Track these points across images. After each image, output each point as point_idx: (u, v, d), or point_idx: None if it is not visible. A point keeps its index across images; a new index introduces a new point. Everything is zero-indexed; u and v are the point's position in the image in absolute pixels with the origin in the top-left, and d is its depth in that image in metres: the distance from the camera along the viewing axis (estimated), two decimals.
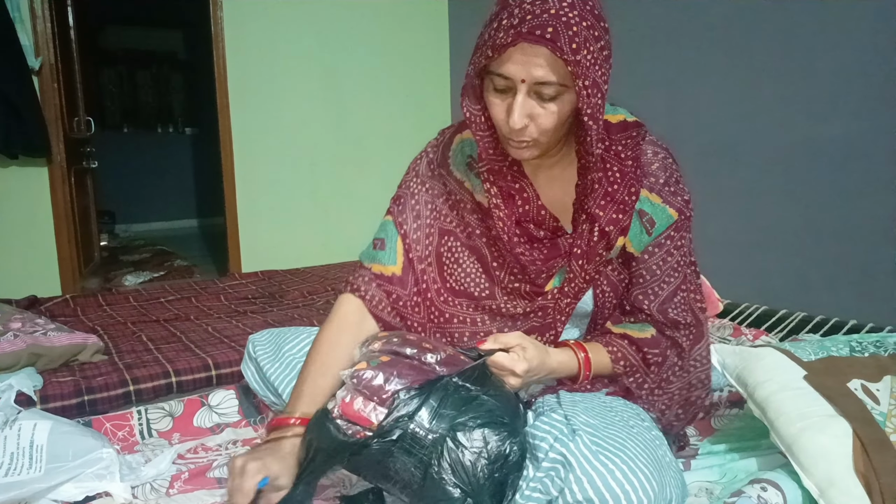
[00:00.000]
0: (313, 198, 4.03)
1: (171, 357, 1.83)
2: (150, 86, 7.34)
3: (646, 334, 1.09)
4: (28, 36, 3.15)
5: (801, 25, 2.39)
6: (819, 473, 0.98)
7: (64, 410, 1.51)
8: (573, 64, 0.88)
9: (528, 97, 0.93)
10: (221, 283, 2.99)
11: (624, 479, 0.82)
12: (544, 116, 0.94)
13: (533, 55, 0.89)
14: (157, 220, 7.22)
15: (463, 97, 1.01)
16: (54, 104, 3.30)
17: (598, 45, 0.90)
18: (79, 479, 1.10)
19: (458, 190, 1.15)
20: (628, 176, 1.04)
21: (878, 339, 1.26)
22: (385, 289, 1.14)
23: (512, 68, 0.91)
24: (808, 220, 2.42)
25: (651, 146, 1.08)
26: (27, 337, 1.74)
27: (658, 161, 1.07)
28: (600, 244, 1.05)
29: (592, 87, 0.91)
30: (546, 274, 1.09)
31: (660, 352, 1.09)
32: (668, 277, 1.08)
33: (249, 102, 3.77)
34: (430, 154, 1.20)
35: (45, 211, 3.35)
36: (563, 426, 0.94)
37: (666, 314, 1.08)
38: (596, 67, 0.90)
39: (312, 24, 3.88)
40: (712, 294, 2.06)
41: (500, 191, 1.08)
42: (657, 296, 1.08)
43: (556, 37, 0.87)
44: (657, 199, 1.05)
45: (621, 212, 1.04)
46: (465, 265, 1.14)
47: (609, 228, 1.04)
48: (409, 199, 1.18)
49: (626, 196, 1.04)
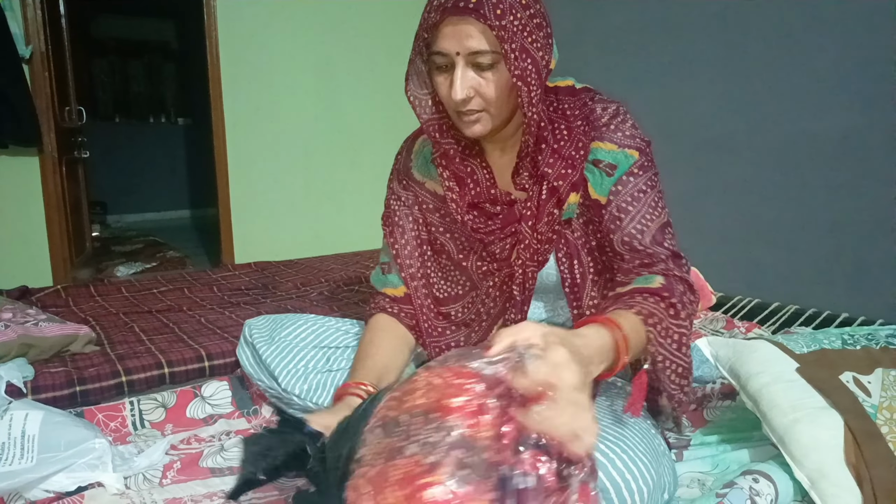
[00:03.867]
0: (307, 189, 4.01)
1: (163, 348, 1.82)
2: (143, 75, 7.30)
3: (656, 284, 0.96)
4: (18, 24, 3.12)
5: (796, 19, 2.39)
6: (810, 465, 0.99)
7: (56, 401, 1.50)
8: (498, 29, 0.91)
9: (466, 69, 0.96)
10: (214, 274, 2.98)
11: (624, 468, 0.84)
12: (485, 86, 0.97)
13: (463, 27, 0.93)
14: (150, 210, 7.18)
15: (407, 83, 1.05)
16: (45, 93, 3.27)
17: (526, 13, 0.94)
18: (71, 469, 1.10)
19: (421, 192, 1.18)
20: (575, 132, 1.04)
21: (869, 332, 1.26)
22: (404, 309, 1.20)
23: (445, 43, 0.95)
24: (801, 214, 2.43)
25: (601, 103, 1.07)
26: (18, 327, 1.73)
27: (608, 115, 1.06)
28: (550, 201, 1.05)
29: (520, 51, 0.93)
30: (508, 244, 1.09)
31: (678, 296, 0.96)
32: (648, 214, 1.02)
33: (242, 93, 3.74)
34: (398, 166, 1.25)
35: (36, 201, 3.32)
36: None
37: (662, 244, 1.02)
38: (525, 34, 0.94)
39: (306, 14, 3.86)
40: (705, 287, 2.07)
41: (452, 174, 1.10)
42: (643, 232, 1.02)
43: (480, 5, 0.91)
44: (612, 146, 1.04)
45: (570, 167, 1.04)
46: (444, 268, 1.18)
47: (558, 184, 1.04)
48: (394, 217, 1.23)
49: (574, 151, 1.04)
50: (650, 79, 2.97)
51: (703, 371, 1.47)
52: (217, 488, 1.10)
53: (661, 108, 2.88)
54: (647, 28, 2.99)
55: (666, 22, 2.90)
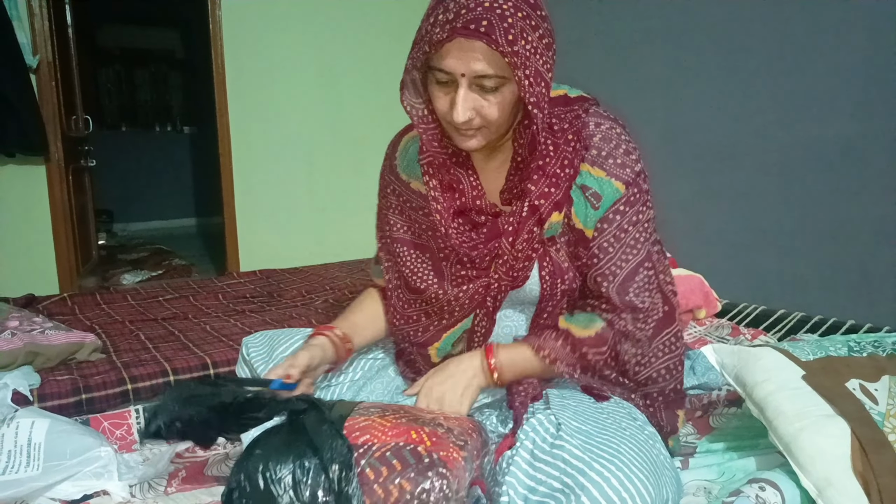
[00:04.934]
0: (311, 197, 4.02)
1: (169, 356, 1.82)
2: (149, 84, 7.33)
3: (590, 331, 1.04)
4: (26, 34, 3.15)
5: (798, 25, 2.40)
6: (817, 473, 0.98)
7: (62, 409, 1.51)
8: (511, 55, 0.88)
9: (469, 90, 0.93)
10: (219, 281, 2.99)
11: (621, 487, 0.81)
12: (488, 108, 0.94)
13: (470, 49, 0.90)
14: (156, 218, 7.20)
15: (402, 91, 1.03)
16: (52, 102, 3.30)
17: (536, 35, 0.90)
18: (76, 477, 1.10)
19: (405, 192, 1.17)
20: (561, 149, 1.02)
21: (876, 339, 1.26)
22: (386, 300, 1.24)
23: (451, 63, 0.92)
24: (807, 221, 2.42)
25: (595, 118, 1.04)
26: (24, 335, 1.73)
27: (600, 133, 1.02)
28: (530, 219, 1.03)
29: (534, 76, 0.91)
30: (489, 256, 1.08)
31: (606, 349, 1.04)
32: (625, 255, 1.02)
33: (248, 101, 3.76)
34: (385, 164, 1.24)
35: (42, 209, 3.34)
36: (552, 426, 0.95)
37: (624, 296, 1.03)
38: (536, 57, 0.91)
39: (311, 23, 3.88)
40: (711, 293, 2.06)
41: (439, 183, 1.08)
42: (615, 276, 1.03)
43: (491, 30, 0.87)
44: (600, 173, 1.01)
45: (553, 185, 1.01)
46: (412, 266, 1.17)
47: (539, 202, 1.01)
48: (381, 212, 1.25)
49: (559, 169, 1.01)
50: (654, 85, 2.98)
51: (708, 378, 1.47)
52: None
53: (665, 115, 2.88)
54: (650, 34, 2.99)
55: (669, 28, 2.90)
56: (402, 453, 0.85)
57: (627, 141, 1.04)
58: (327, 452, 0.79)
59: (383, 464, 0.83)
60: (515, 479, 0.90)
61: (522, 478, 0.90)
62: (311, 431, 0.79)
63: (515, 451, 0.93)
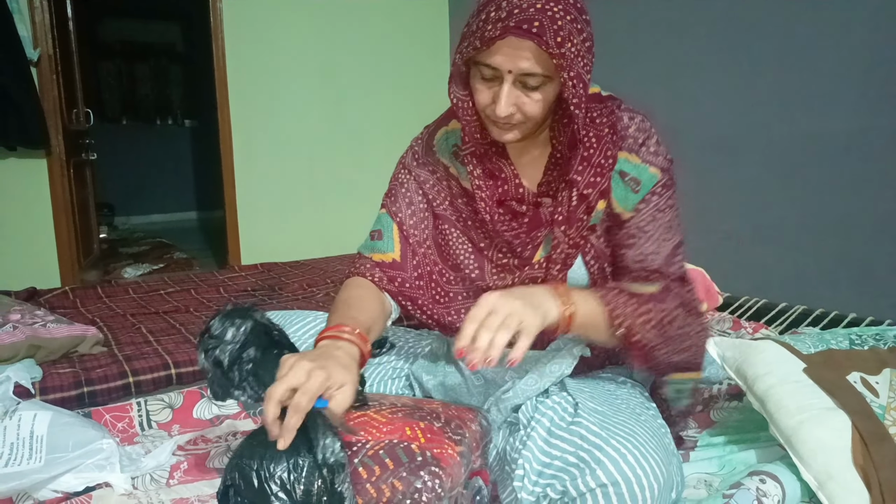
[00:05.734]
0: (312, 190, 4.02)
1: (170, 349, 1.83)
2: (149, 78, 7.31)
3: (651, 289, 1.05)
4: (26, 27, 3.14)
5: (801, 19, 2.39)
6: (818, 466, 0.98)
7: (64, 402, 1.51)
8: (558, 57, 0.92)
9: (513, 87, 0.97)
10: (221, 275, 2.99)
11: (636, 464, 0.84)
12: (529, 104, 0.98)
13: (519, 48, 0.93)
14: (157, 212, 7.21)
15: (450, 84, 1.05)
16: (53, 96, 3.29)
17: (580, 38, 0.94)
18: (79, 469, 1.11)
19: (445, 175, 1.19)
20: (604, 140, 1.05)
21: (877, 333, 1.26)
22: (388, 274, 1.17)
23: (499, 59, 0.95)
24: (808, 214, 2.42)
25: (627, 112, 1.09)
26: (27, 328, 1.74)
27: (635, 124, 1.07)
28: (580, 208, 1.06)
29: (577, 78, 0.94)
30: (532, 245, 1.10)
31: (669, 306, 1.04)
32: (666, 234, 1.07)
33: (248, 95, 3.76)
34: (416, 147, 1.25)
35: (44, 203, 3.34)
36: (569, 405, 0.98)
37: (670, 268, 1.07)
38: (580, 59, 0.94)
39: (312, 17, 3.87)
40: (712, 287, 2.06)
41: (483, 172, 1.11)
42: (659, 253, 1.07)
43: (543, 31, 0.90)
44: (637, 160, 1.06)
45: (599, 175, 1.05)
46: (455, 247, 1.17)
47: (588, 191, 1.05)
48: (401, 189, 1.23)
49: (603, 159, 1.05)
50: (656, 79, 2.97)
51: (709, 372, 1.47)
52: None
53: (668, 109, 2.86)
54: (652, 29, 2.99)
55: (672, 23, 2.89)
56: (396, 451, 0.85)
57: (656, 133, 1.09)
58: (321, 451, 0.77)
59: (376, 462, 0.83)
60: (531, 454, 0.93)
61: (538, 454, 0.93)
62: (307, 427, 0.79)
63: (532, 428, 0.96)
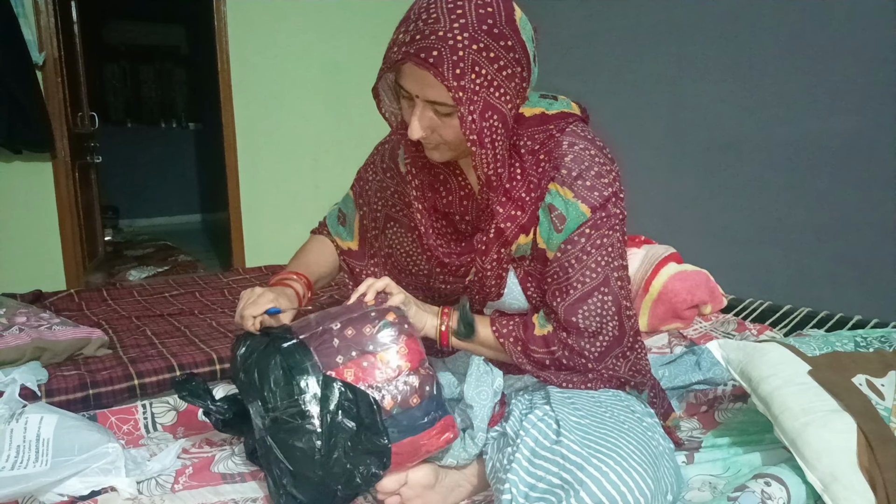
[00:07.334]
0: (316, 192, 4.03)
1: (175, 351, 1.83)
2: (154, 81, 7.34)
3: (543, 331, 1.06)
4: (32, 31, 3.16)
5: (803, 20, 2.38)
6: (823, 468, 0.98)
7: (69, 404, 1.51)
8: (455, 90, 0.87)
9: (425, 110, 0.94)
10: (225, 277, 2.99)
11: (619, 481, 0.82)
12: (444, 129, 0.95)
13: (422, 76, 0.90)
14: (161, 215, 7.23)
15: (379, 99, 1.06)
16: (58, 99, 3.31)
17: (493, 67, 0.89)
18: (84, 473, 1.11)
19: (402, 182, 1.19)
20: (528, 173, 1.01)
21: (882, 335, 1.25)
22: (345, 260, 1.32)
23: (409, 83, 0.93)
24: (813, 216, 2.41)
25: (570, 137, 1.02)
26: (32, 331, 1.74)
27: (573, 153, 1.01)
28: (496, 241, 1.03)
29: (484, 110, 0.90)
30: (464, 268, 1.10)
31: (546, 353, 1.05)
32: (582, 277, 1.01)
33: (252, 97, 3.76)
34: (386, 146, 1.28)
35: (49, 206, 3.36)
36: (552, 421, 0.95)
37: (570, 317, 1.02)
38: (490, 90, 0.89)
39: (316, 18, 3.88)
40: (716, 289, 2.06)
41: (421, 183, 1.09)
42: (568, 295, 1.02)
43: (440, 62, 0.86)
44: (568, 194, 1.00)
45: (519, 209, 1.02)
46: (406, 247, 1.21)
47: (505, 226, 1.02)
48: (366, 185, 1.28)
49: (524, 193, 1.01)
50: (659, 81, 2.96)
51: (714, 373, 1.46)
52: (228, 496, 1.10)
53: (670, 111, 2.87)
54: (655, 31, 2.98)
55: (674, 25, 2.89)
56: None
57: (601, 163, 1.02)
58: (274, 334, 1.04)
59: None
60: (517, 477, 0.91)
61: (523, 475, 0.90)
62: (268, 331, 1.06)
63: (517, 448, 0.93)
